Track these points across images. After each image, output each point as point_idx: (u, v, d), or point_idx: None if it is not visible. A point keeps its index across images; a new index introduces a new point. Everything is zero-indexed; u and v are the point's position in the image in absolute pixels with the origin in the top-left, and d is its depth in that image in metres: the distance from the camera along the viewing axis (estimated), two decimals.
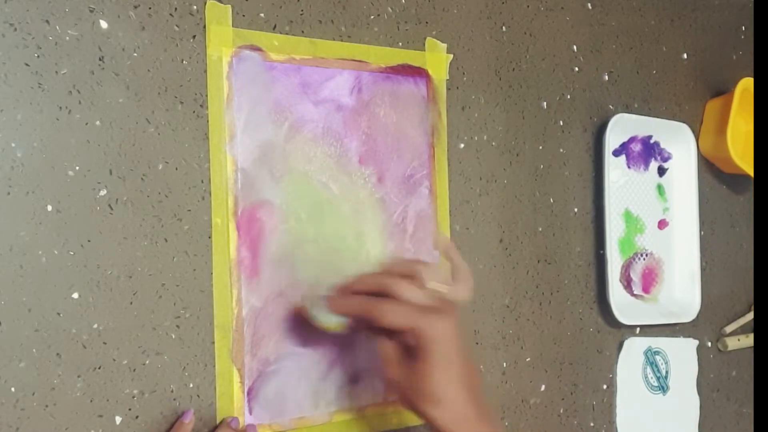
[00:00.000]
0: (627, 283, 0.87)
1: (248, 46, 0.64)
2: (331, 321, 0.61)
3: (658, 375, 0.89)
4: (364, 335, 0.61)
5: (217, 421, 0.62)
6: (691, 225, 0.92)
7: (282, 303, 0.65)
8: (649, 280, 0.89)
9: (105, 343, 0.58)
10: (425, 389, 0.56)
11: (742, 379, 0.99)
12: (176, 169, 0.61)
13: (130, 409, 0.59)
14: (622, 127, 0.86)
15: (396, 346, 0.58)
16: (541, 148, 0.82)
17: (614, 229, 0.86)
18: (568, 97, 0.85)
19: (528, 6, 0.82)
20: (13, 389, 0.54)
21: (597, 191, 0.86)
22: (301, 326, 0.65)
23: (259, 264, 0.64)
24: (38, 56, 0.56)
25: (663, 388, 0.90)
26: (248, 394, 0.63)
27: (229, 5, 0.64)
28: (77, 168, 0.57)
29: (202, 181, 0.62)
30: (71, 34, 0.57)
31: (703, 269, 0.93)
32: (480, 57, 0.78)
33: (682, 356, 0.92)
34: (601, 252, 0.85)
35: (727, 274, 0.98)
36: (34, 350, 0.55)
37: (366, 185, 0.70)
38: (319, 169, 0.68)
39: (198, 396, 0.61)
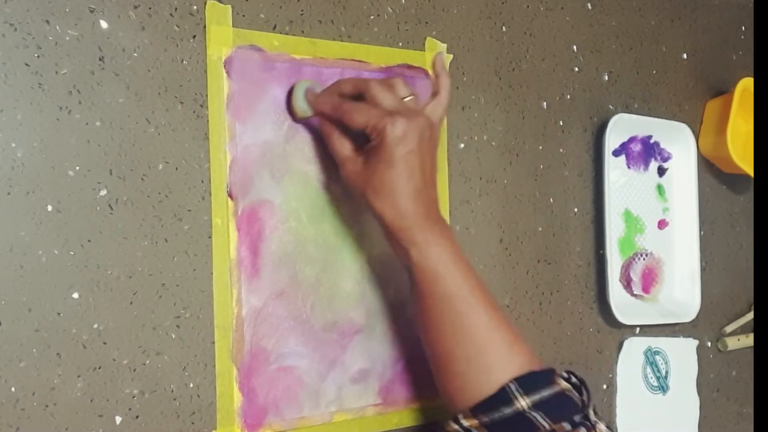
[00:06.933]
0: (627, 283, 0.87)
1: (248, 46, 0.64)
2: (306, 111, 0.64)
3: (658, 375, 0.89)
4: (331, 133, 0.63)
5: (217, 422, 0.62)
6: (691, 225, 0.92)
7: (282, 303, 0.65)
8: (649, 280, 0.89)
9: (105, 343, 0.58)
10: (374, 181, 0.59)
11: (742, 379, 0.99)
12: (176, 169, 0.61)
13: (130, 409, 0.59)
14: (622, 127, 0.86)
15: (356, 146, 0.61)
16: (541, 148, 0.82)
17: (614, 229, 0.86)
18: (568, 97, 0.85)
19: (528, 6, 0.82)
20: (13, 389, 0.54)
21: (597, 191, 0.86)
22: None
23: (259, 264, 0.64)
24: (38, 56, 0.56)
25: (663, 388, 0.90)
26: (248, 394, 0.63)
27: (229, 5, 0.64)
28: (77, 168, 0.57)
29: (202, 181, 0.62)
30: (71, 34, 0.57)
31: (703, 269, 0.93)
32: (480, 57, 0.78)
33: (682, 356, 0.92)
34: (601, 252, 0.85)
35: (727, 274, 0.98)
36: (34, 350, 0.55)
37: None
38: (319, 169, 0.68)
39: (198, 396, 0.61)
